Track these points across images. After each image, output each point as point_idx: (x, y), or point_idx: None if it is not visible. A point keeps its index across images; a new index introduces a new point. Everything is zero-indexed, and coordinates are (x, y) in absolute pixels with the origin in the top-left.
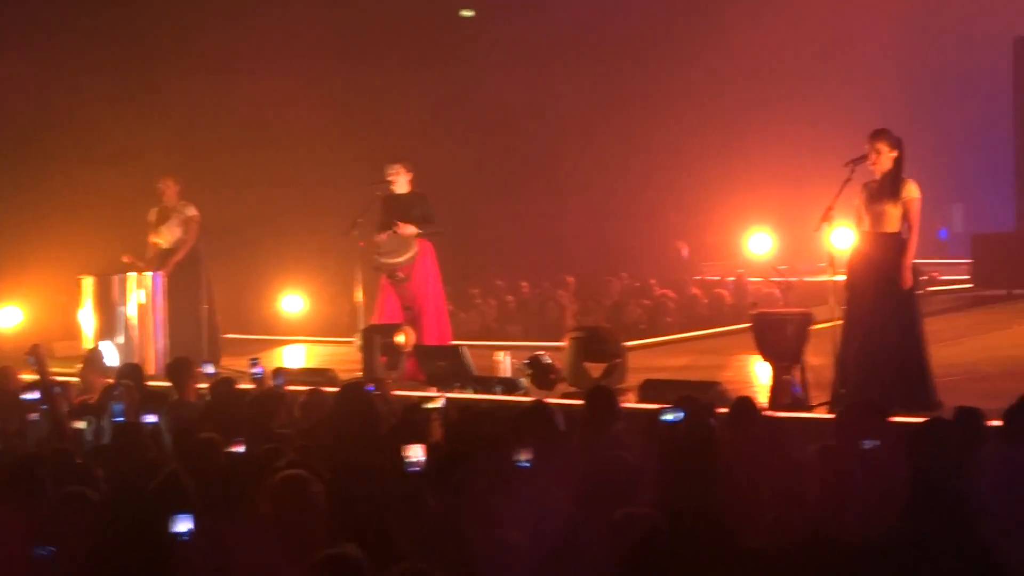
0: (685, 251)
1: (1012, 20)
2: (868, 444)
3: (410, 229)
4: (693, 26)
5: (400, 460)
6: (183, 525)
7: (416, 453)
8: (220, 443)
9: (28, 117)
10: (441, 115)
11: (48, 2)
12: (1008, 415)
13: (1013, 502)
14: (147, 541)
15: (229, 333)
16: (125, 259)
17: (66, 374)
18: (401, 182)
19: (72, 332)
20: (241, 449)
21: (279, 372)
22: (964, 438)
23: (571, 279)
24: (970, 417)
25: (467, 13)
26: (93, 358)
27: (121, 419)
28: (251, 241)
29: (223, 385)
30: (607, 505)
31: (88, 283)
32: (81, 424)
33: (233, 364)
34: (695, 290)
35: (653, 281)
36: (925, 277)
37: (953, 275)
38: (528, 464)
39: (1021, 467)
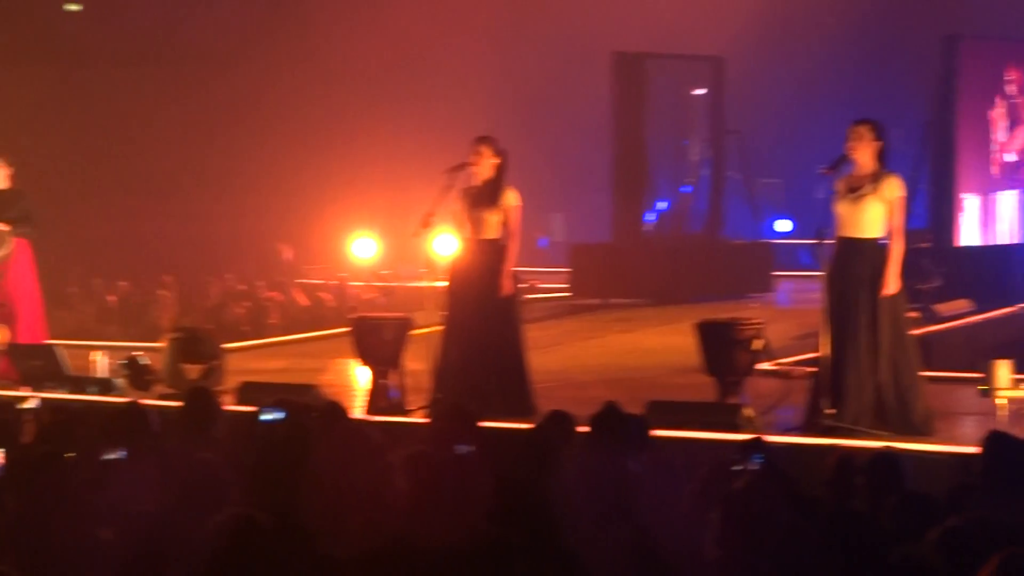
0: (288, 254)
1: (611, 34)
2: (461, 449)
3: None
4: (288, 29)
5: None
6: None
7: None
8: None
9: None
10: (41, 111)
11: None
12: (594, 422)
13: (597, 508)
14: None
15: None
16: None
17: None
18: None
19: None
20: None
21: None
22: (555, 442)
23: (170, 279)
24: (561, 421)
25: (73, 7)
26: None
27: None
28: None
29: None
30: (197, 506)
31: None
32: None
33: None
34: (298, 293)
35: (260, 283)
36: (525, 285)
37: (552, 283)
38: (119, 460)
39: (604, 473)
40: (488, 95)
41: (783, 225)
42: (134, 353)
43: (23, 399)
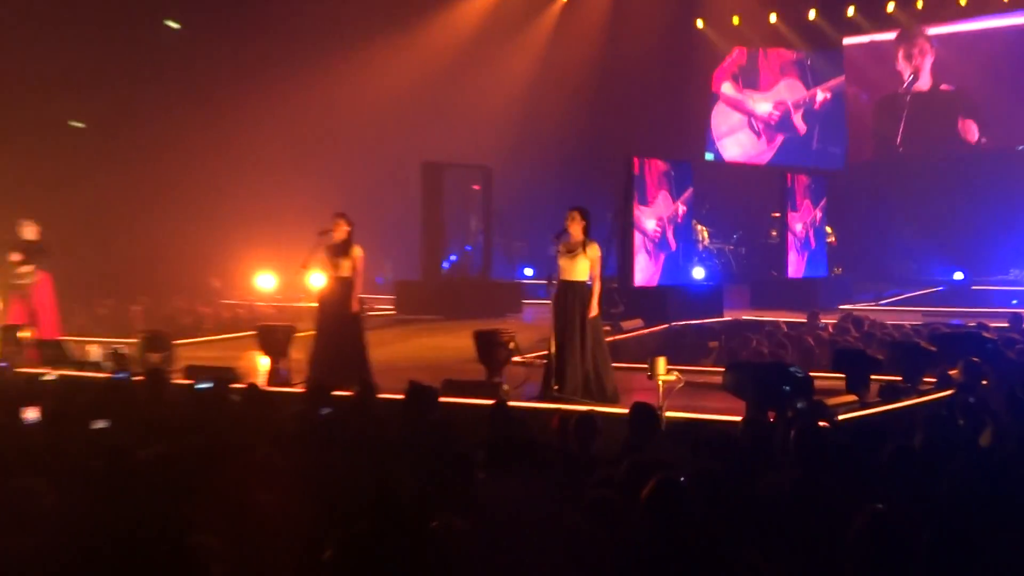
0: (217, 283)
1: (421, 147)
2: (324, 411)
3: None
4: (211, 123)
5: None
6: None
7: (31, 415)
8: None
9: None
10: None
11: None
12: (407, 392)
13: (414, 443)
14: None
15: None
16: None
17: None
18: (29, 232)
19: None
20: None
21: None
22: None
23: (141, 299)
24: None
25: (172, 25)
26: None
27: None
28: None
29: None
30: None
31: None
32: None
33: None
34: (223, 309)
35: (198, 301)
36: (367, 306)
37: (384, 305)
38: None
39: (417, 423)
40: (348, 183)
41: (528, 271)
42: (116, 346)
43: (44, 375)
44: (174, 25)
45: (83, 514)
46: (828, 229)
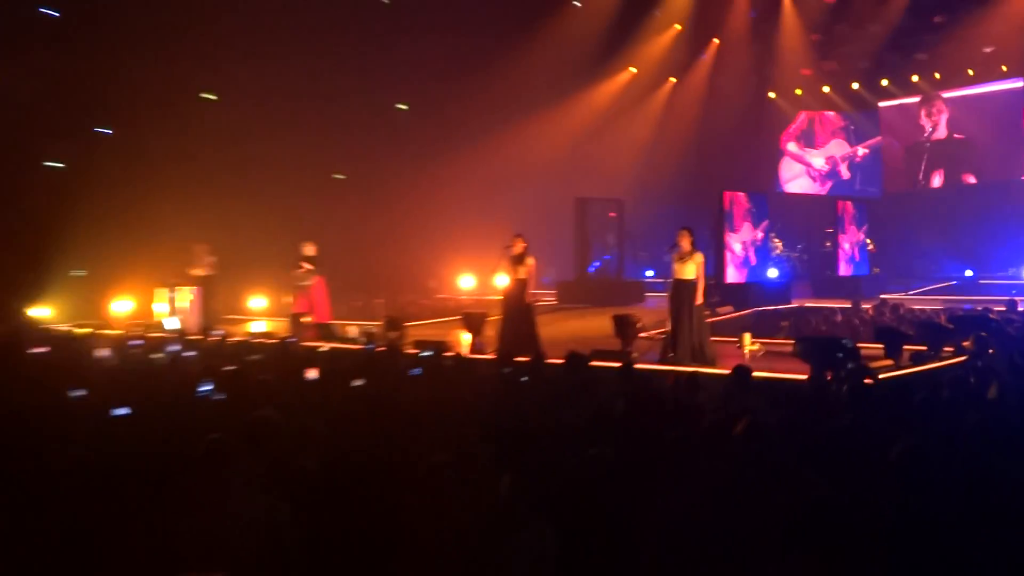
0: (434, 283)
1: (574, 185)
2: (507, 370)
3: (311, 269)
4: (434, 167)
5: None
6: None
7: (312, 374)
8: None
9: None
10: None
11: None
12: (567, 358)
13: (568, 389)
14: None
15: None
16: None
17: None
18: (309, 249)
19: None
20: None
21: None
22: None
23: (380, 296)
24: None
25: (401, 107)
26: None
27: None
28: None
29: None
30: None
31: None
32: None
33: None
34: (437, 300)
35: (420, 295)
36: (538, 298)
37: (550, 298)
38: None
39: (571, 378)
40: (524, 212)
41: (649, 272)
42: (367, 327)
43: (319, 347)
44: (402, 107)
45: (347, 441)
46: (868, 240)
